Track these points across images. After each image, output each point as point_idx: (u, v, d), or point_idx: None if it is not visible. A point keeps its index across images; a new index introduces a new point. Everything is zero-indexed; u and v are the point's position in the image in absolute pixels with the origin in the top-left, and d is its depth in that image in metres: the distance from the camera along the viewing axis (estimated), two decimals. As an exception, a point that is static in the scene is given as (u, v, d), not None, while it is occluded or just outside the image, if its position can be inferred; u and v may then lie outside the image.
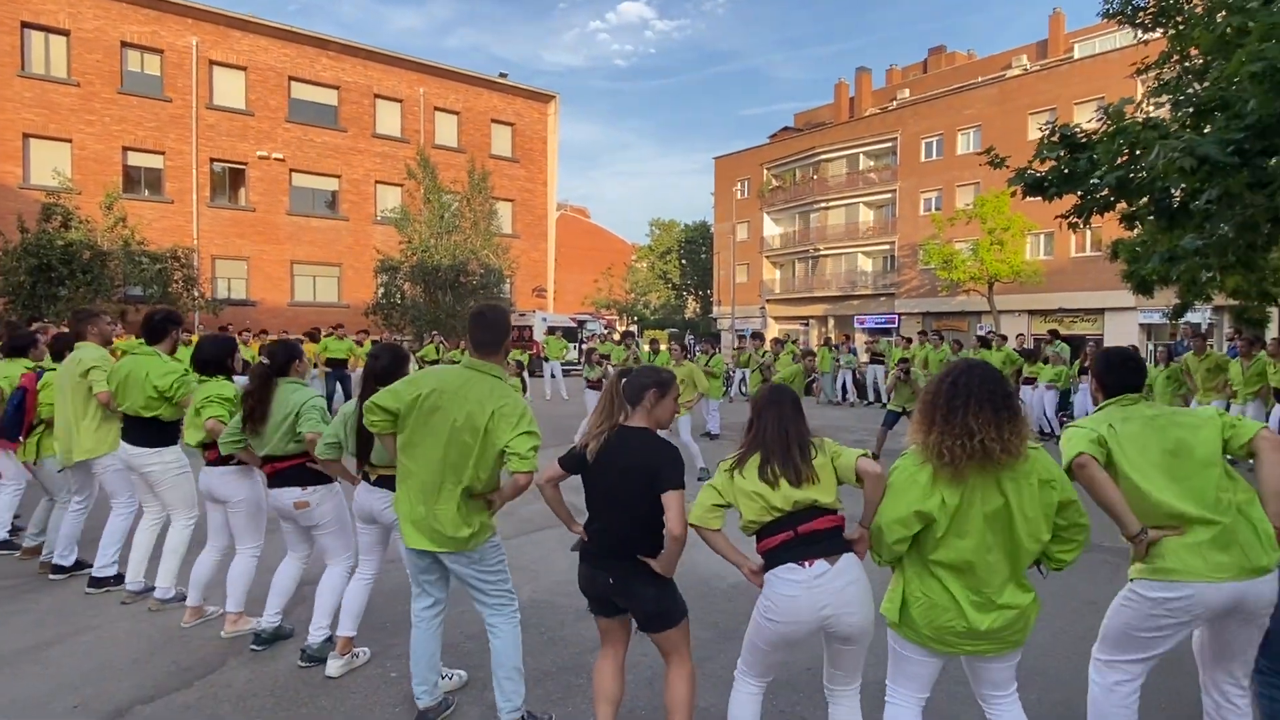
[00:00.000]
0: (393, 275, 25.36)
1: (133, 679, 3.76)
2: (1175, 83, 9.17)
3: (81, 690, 3.63)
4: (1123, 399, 2.89)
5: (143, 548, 4.89)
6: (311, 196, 27.29)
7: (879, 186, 40.39)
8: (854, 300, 40.96)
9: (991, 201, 29.10)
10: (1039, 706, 3.47)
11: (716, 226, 51.44)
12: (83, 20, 22.53)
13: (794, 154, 45.09)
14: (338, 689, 3.66)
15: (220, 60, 24.99)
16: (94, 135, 22.79)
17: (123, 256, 19.94)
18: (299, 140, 26.48)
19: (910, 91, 45.18)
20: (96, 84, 22.81)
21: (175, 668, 3.88)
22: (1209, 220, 6.15)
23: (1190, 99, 7.03)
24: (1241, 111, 5.30)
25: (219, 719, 3.38)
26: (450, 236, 25.83)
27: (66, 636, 4.25)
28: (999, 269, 29.86)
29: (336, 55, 27.33)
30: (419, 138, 28.65)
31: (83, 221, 19.50)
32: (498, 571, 3.27)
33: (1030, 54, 41.86)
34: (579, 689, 3.69)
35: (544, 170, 32.96)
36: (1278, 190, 5.13)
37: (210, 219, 24.89)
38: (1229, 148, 5.20)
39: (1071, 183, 7.27)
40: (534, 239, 32.45)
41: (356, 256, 27.44)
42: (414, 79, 29.05)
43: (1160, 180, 5.95)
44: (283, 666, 3.89)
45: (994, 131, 33.78)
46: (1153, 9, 8.98)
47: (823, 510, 2.60)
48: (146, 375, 4.60)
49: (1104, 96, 30.12)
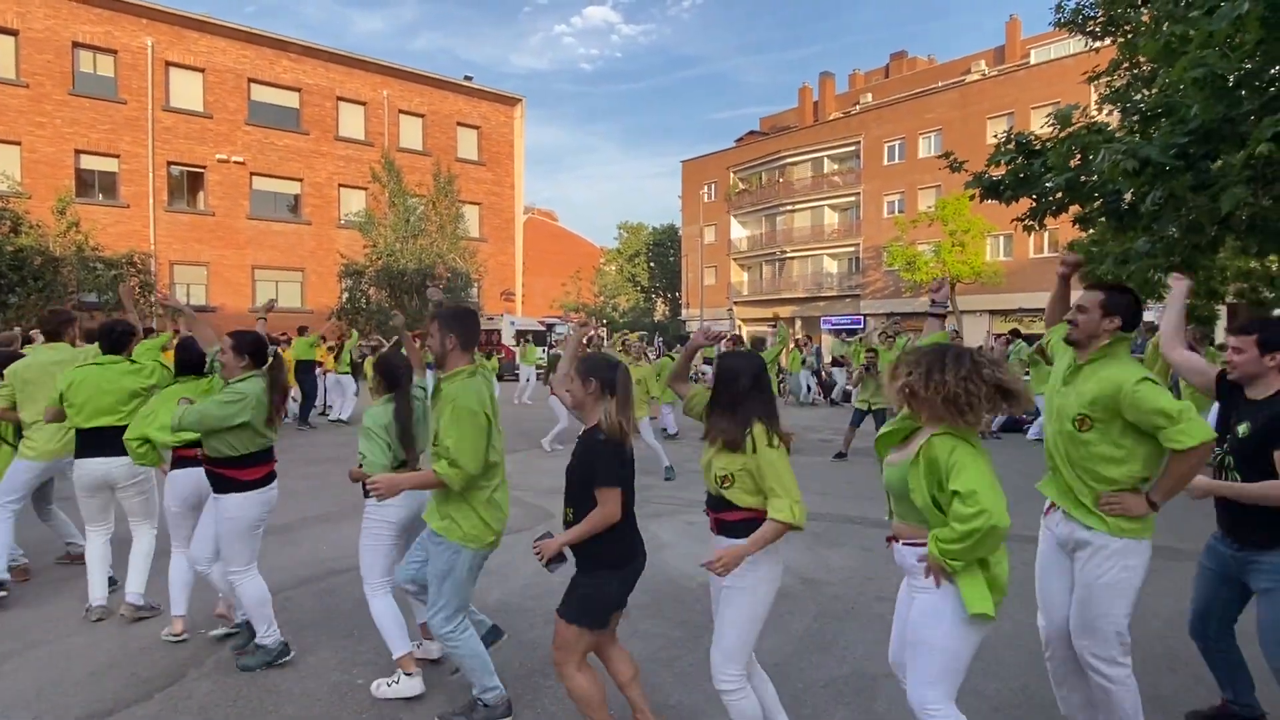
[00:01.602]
0: (357, 280, 25.07)
1: (90, 692, 3.66)
2: (1125, 89, 9.49)
3: (35, 706, 3.52)
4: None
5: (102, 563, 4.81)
6: (273, 200, 26.85)
7: (843, 189, 40.92)
8: (820, 302, 41.42)
9: (953, 204, 29.69)
10: (1000, 694, 3.59)
11: (684, 229, 51.65)
12: (32, 20, 21.91)
13: (760, 158, 45.47)
14: (302, 697, 3.61)
15: (177, 61, 24.48)
16: (45, 138, 22.16)
17: (76, 262, 19.45)
18: (259, 143, 26.03)
19: (873, 96, 45.81)
20: (47, 85, 22.20)
21: (134, 679, 3.79)
22: (1157, 222, 6.35)
23: (1138, 105, 7.27)
24: (1185, 116, 5.49)
25: (182, 730, 3.33)
26: (416, 240, 25.61)
27: (19, 651, 4.11)
28: (960, 270, 30.47)
29: (297, 57, 26.93)
30: (383, 140, 28.36)
31: (33, 226, 18.96)
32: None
33: (989, 59, 42.70)
34: (548, 690, 3.70)
35: (511, 174, 32.82)
36: (1220, 192, 5.32)
37: (168, 224, 24.35)
38: (1171, 150, 5.39)
39: (1026, 186, 7.46)
40: (501, 242, 32.27)
41: (320, 261, 27.04)
42: (378, 81, 28.73)
43: (1109, 183, 6.14)
44: (244, 677, 3.82)
45: (954, 135, 34.43)
46: (1102, 19, 9.26)
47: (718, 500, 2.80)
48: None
49: (1059, 101, 30.83)
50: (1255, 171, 5.18)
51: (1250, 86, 5.36)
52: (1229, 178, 5.24)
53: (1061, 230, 9.15)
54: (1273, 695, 3.07)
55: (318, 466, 9.35)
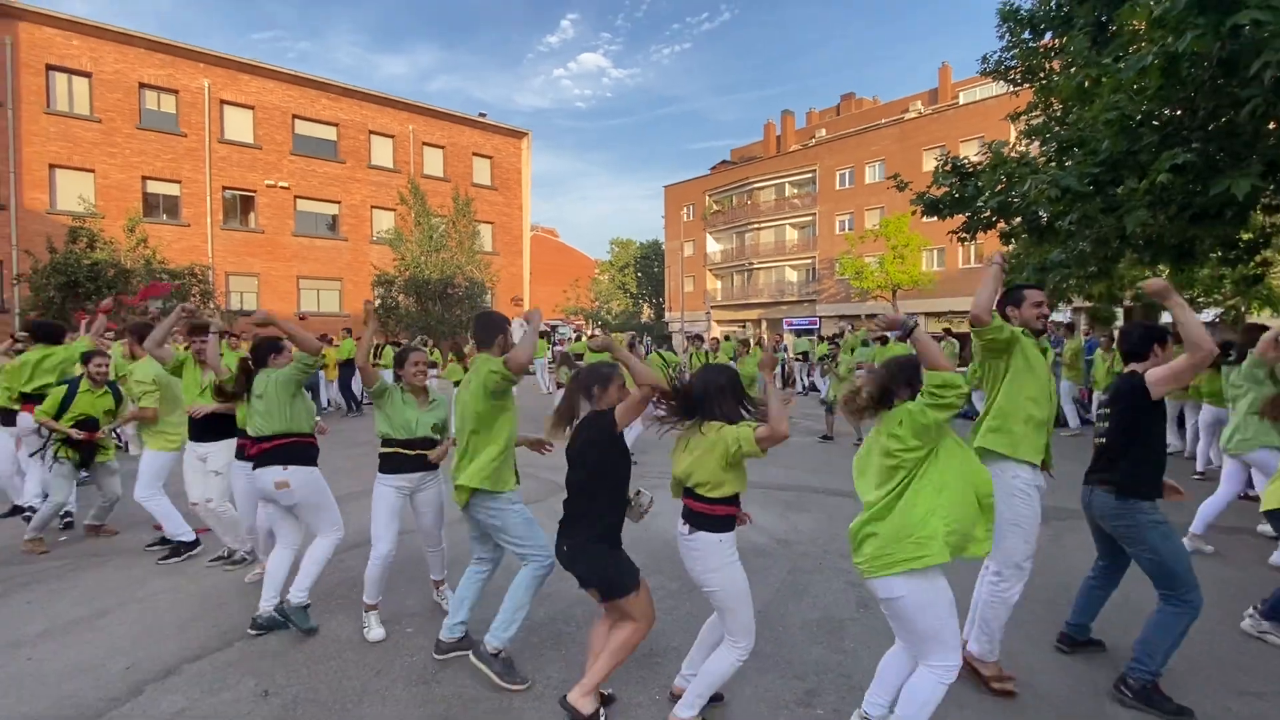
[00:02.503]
0: (388, 288, 24.79)
1: (178, 641, 3.66)
2: (1041, 126, 9.58)
3: (132, 653, 3.53)
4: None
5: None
6: (314, 220, 26.52)
7: (801, 210, 40.99)
8: (783, 306, 41.52)
9: (894, 223, 29.87)
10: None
11: (667, 244, 51.56)
12: (103, 64, 21.53)
13: (731, 183, 45.47)
14: (361, 645, 3.62)
15: (230, 100, 24.10)
16: (115, 166, 21.78)
17: (145, 274, 19.09)
18: (303, 170, 25.72)
19: (826, 131, 45.90)
20: (117, 120, 21.81)
21: (216, 630, 3.79)
22: (1070, 238, 6.43)
23: (1054, 138, 7.36)
24: (1096, 149, 5.55)
25: (260, 673, 3.31)
26: (438, 254, 25.35)
27: (114, 608, 4.11)
28: (901, 278, 30.67)
29: (335, 97, 26.62)
30: (409, 168, 28.10)
31: (107, 243, 18.62)
32: (516, 524, 3.30)
33: (924, 100, 42.87)
34: (569, 636, 3.73)
35: (519, 197, 32.59)
36: (1125, 213, 5.39)
37: (224, 240, 24.02)
38: (1086, 179, 5.45)
39: (961, 205, 7.52)
40: (511, 256, 32.08)
41: (355, 272, 26.79)
42: (404, 118, 28.45)
43: (1032, 205, 6.20)
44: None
45: (895, 164, 34.54)
46: (1021, 69, 9.34)
47: (693, 494, 2.72)
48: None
49: (984, 135, 31.03)
50: (1154, 197, 5.27)
51: (1150, 125, 5.44)
52: (1133, 202, 5.31)
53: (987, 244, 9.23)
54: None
55: (359, 449, 9.30)
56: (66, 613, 4.03)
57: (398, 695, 3.12)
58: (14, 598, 4.26)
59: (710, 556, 2.64)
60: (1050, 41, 8.72)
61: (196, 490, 4.66)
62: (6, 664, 3.42)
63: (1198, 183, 4.94)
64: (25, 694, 3.14)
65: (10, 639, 3.69)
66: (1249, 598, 3.90)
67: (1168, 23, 4.40)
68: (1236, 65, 4.32)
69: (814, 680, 3.26)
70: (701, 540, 2.65)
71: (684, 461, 2.70)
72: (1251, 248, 7.68)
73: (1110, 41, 6.57)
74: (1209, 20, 4.19)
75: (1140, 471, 3.03)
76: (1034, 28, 8.60)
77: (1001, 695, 3.04)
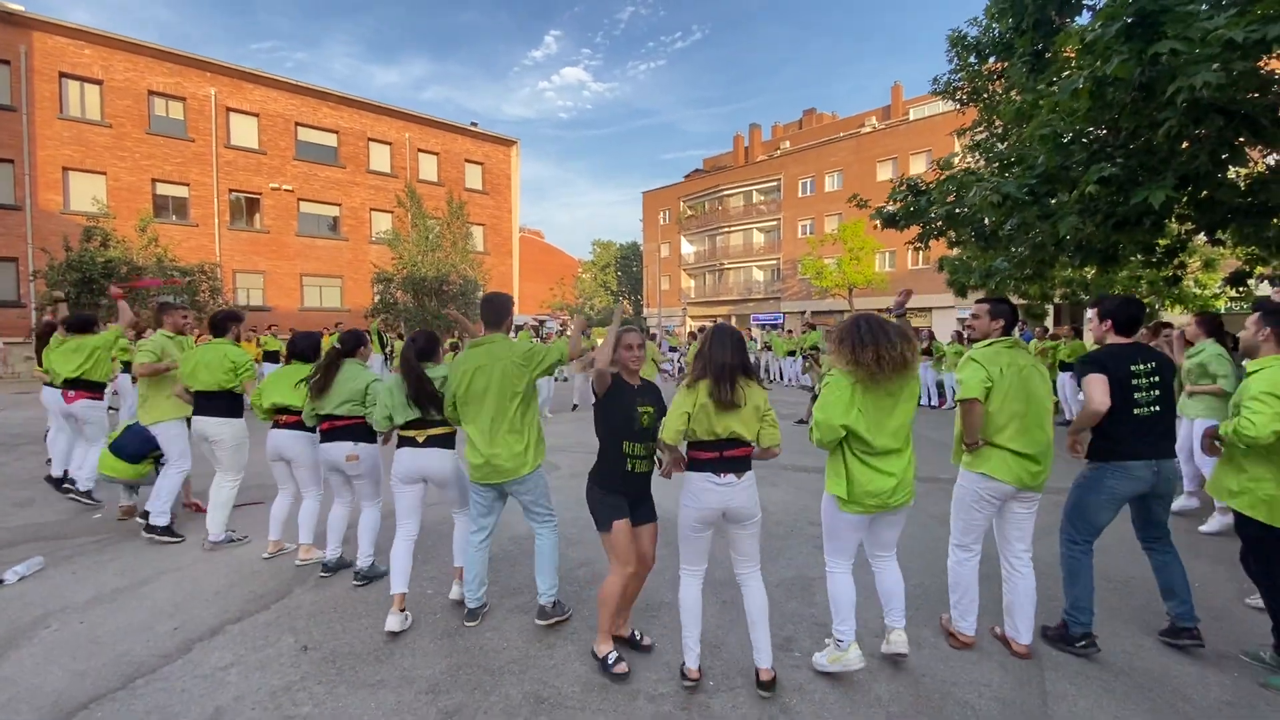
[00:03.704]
0: (387, 285, 24.52)
1: (218, 605, 3.70)
2: (985, 142, 9.84)
3: (177, 616, 3.56)
4: (1005, 340, 3.19)
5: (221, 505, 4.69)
6: (317, 221, 26.06)
7: (767, 216, 41.28)
8: (750, 302, 41.84)
9: (851, 228, 30.26)
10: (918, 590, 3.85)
11: (645, 246, 51.57)
12: (114, 72, 20.88)
13: (703, 190, 45.58)
14: (389, 602, 3.68)
15: (236, 108, 23.53)
16: (126, 169, 21.17)
17: (156, 270, 18.66)
18: (305, 175, 25.25)
19: (790, 143, 46.19)
20: (127, 125, 21.19)
21: (252, 595, 3.84)
22: (1012, 244, 6.65)
23: (997, 155, 7.57)
24: (1034, 164, 5.76)
25: (297, 631, 3.38)
26: (434, 254, 25.07)
27: (154, 577, 4.12)
28: (856, 278, 31.11)
29: (335, 106, 26.13)
30: (406, 173, 27.72)
31: (120, 241, 18.16)
32: (544, 494, 3.42)
33: (878, 115, 43.34)
34: (573, 594, 3.85)
35: (508, 200, 32.34)
36: (1058, 221, 5.62)
37: (230, 240, 23.52)
38: (1024, 189, 5.66)
39: (915, 217, 7.71)
40: (501, 255, 31.85)
41: (356, 270, 26.42)
42: (401, 126, 28.03)
43: (978, 213, 6.40)
44: (339, 591, 3.87)
45: (852, 175, 35.02)
46: (967, 89, 9.57)
47: (742, 442, 2.77)
48: (225, 355, 4.46)
49: (932, 149, 31.58)
50: (1084, 206, 5.50)
51: (1080, 142, 5.66)
52: (1065, 210, 5.54)
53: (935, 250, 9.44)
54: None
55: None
56: (110, 582, 4.03)
57: (425, 647, 3.22)
58: (60, 569, 4.25)
59: (755, 487, 2.85)
60: (994, 65, 8.96)
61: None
62: (61, 629, 3.43)
63: (1120, 194, 5.17)
64: (81, 654, 3.16)
65: (60, 605, 3.70)
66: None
67: (1096, 48, 4.60)
68: (1155, 90, 4.52)
69: (790, 629, 3.42)
70: (751, 476, 2.84)
71: (731, 421, 2.73)
72: (1169, 252, 8.02)
73: (1046, 68, 6.80)
74: (1132, 47, 4.38)
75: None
76: (979, 53, 8.83)
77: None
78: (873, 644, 3.22)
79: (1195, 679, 2.96)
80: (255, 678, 2.95)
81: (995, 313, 3.25)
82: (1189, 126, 4.60)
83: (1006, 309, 3.26)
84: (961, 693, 2.85)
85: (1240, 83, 4.21)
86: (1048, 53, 6.90)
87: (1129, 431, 3.04)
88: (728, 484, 2.74)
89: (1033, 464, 3.02)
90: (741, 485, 2.76)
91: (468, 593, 3.44)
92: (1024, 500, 3.12)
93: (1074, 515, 3.20)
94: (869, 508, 2.80)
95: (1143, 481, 3.07)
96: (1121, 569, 4.18)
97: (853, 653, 2.88)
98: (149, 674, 2.98)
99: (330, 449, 3.95)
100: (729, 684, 2.90)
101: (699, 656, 2.87)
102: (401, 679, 2.94)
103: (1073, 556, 3.19)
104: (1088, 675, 2.99)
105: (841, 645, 2.90)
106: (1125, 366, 3.06)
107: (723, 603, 3.70)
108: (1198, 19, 4.17)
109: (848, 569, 2.95)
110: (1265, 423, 2.82)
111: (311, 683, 2.91)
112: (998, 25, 7.94)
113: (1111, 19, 4.48)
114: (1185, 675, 2.99)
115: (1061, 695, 2.84)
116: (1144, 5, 4.32)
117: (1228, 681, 2.94)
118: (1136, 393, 3.04)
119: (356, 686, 2.88)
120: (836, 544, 2.95)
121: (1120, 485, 3.08)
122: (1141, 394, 3.04)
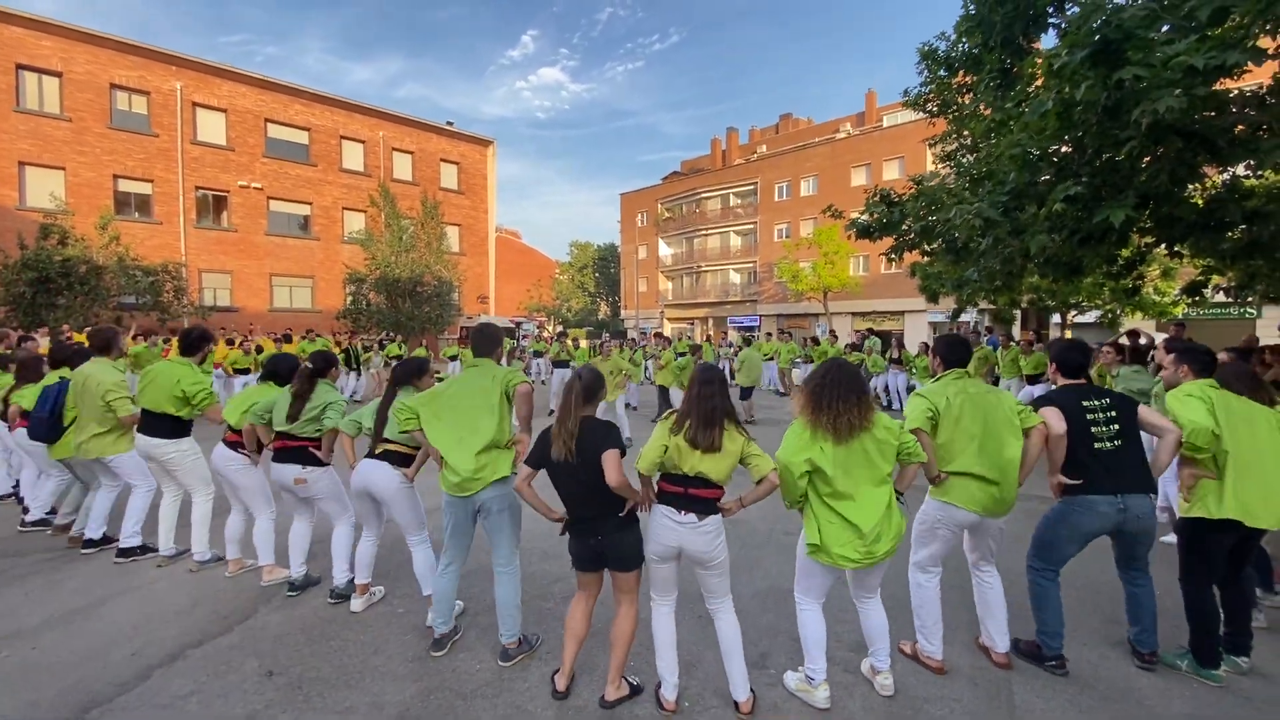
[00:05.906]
0: (359, 286, 24.12)
1: (179, 627, 3.58)
2: (954, 153, 10.02)
3: (136, 640, 3.43)
4: (954, 372, 3.23)
5: (169, 520, 4.58)
6: (287, 220, 25.47)
7: (744, 219, 41.53)
8: (727, 305, 42.05)
9: (826, 232, 30.59)
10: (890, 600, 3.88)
11: (623, 247, 51.52)
12: (74, 64, 20.16)
13: (681, 192, 45.70)
14: (357, 623, 3.62)
15: (202, 102, 22.88)
16: (85, 164, 20.45)
17: (117, 269, 18.06)
18: (275, 172, 24.67)
19: (766, 147, 46.60)
20: (88, 119, 20.47)
21: (215, 615, 3.72)
22: (984, 257, 6.79)
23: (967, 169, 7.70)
24: (1004, 180, 5.89)
25: (262, 655, 3.28)
26: (408, 254, 24.75)
27: (111, 597, 3.97)
28: (831, 282, 31.47)
29: (307, 102, 25.59)
30: (380, 172, 27.29)
31: (79, 239, 17.53)
32: (515, 514, 3.33)
33: (853, 122, 43.98)
34: (549, 611, 3.81)
35: (485, 200, 32.04)
36: (1029, 237, 5.75)
37: (197, 238, 22.87)
38: (998, 207, 5.79)
39: (889, 229, 7.82)
40: (477, 256, 31.54)
41: (328, 270, 25.89)
42: (375, 124, 27.57)
43: (955, 232, 6.52)
44: (307, 610, 3.77)
45: (827, 179, 35.47)
46: (937, 101, 9.75)
47: (709, 484, 2.72)
48: (178, 382, 4.26)
49: (904, 156, 32.13)
50: (1051, 222, 5.64)
51: (1048, 161, 5.81)
52: (1035, 227, 5.68)
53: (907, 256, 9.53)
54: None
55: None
56: (66, 603, 3.88)
57: (395, 671, 3.15)
58: (11, 590, 4.07)
59: (720, 533, 2.78)
60: (962, 78, 9.14)
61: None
62: (12, 655, 3.29)
63: (1085, 211, 5.31)
64: (33, 683, 3.03)
65: (12, 630, 3.54)
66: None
67: (1064, 74, 4.73)
68: (1119, 112, 4.66)
69: (766, 644, 3.43)
70: (715, 521, 2.76)
71: (700, 462, 2.69)
72: (1130, 264, 8.26)
73: (1014, 84, 6.96)
74: (1099, 73, 4.52)
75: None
76: (949, 66, 9.00)
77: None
78: (846, 658, 3.24)
79: (1159, 691, 3.04)
80: (217, 706, 2.85)
81: (942, 352, 3.37)
82: (1150, 147, 4.74)
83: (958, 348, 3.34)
84: (933, 708, 2.88)
85: (1199, 105, 4.36)
86: (1014, 69, 7.06)
87: (1092, 464, 3.08)
88: (687, 523, 2.71)
89: (994, 488, 3.02)
90: (702, 528, 2.71)
91: (436, 618, 3.37)
92: (988, 523, 3.18)
93: (1039, 546, 3.28)
94: (838, 561, 2.74)
95: (1107, 519, 3.06)
96: (1090, 575, 4.27)
97: (820, 693, 2.88)
98: (104, 704, 2.87)
99: (282, 470, 3.86)
100: (704, 704, 2.89)
101: (675, 687, 2.85)
102: (371, 705, 2.87)
103: (1038, 584, 3.27)
104: (1055, 689, 3.05)
105: (813, 682, 2.92)
106: (1077, 401, 3.14)
107: (698, 617, 3.69)
108: (1159, 45, 4.30)
109: (817, 607, 2.94)
110: (1190, 413, 3.02)
111: (277, 710, 2.82)
112: (967, 41, 8.10)
113: (1076, 46, 4.60)
114: (1149, 688, 3.07)
115: (1029, 709, 2.89)
116: (1108, 34, 4.44)
117: (1188, 694, 3.03)
118: (1094, 426, 3.09)
119: (324, 714, 2.80)
120: (807, 583, 2.94)
121: (1084, 521, 3.11)
122: (1099, 428, 3.09)
